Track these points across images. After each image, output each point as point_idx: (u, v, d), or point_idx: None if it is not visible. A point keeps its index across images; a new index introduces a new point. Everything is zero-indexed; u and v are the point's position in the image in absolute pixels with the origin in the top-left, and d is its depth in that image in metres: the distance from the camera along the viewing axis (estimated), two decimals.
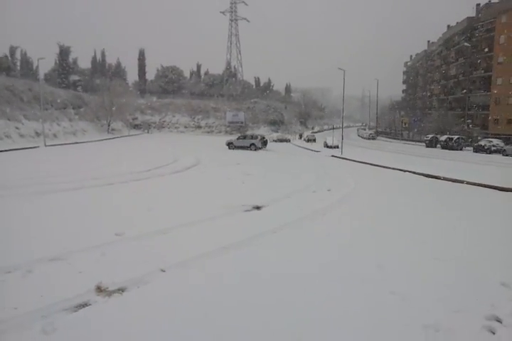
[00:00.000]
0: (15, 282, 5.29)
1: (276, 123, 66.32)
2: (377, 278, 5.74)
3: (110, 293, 4.97)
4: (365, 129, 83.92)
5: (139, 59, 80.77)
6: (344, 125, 39.41)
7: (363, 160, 24.90)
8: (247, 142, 34.47)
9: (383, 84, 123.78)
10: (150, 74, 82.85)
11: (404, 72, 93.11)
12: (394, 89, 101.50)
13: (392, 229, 8.67)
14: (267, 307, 4.72)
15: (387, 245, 7.42)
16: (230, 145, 34.88)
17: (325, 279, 5.69)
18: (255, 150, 33.80)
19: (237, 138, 35.75)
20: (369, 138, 64.53)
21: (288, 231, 8.19)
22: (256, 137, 35.47)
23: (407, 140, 58.50)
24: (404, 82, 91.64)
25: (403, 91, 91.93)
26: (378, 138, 67.34)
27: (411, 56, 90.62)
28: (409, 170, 19.35)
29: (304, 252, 6.92)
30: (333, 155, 29.96)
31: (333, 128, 48.58)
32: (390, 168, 20.96)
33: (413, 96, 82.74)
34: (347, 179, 16.75)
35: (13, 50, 67.82)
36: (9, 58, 64.45)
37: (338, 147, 35.42)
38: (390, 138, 67.75)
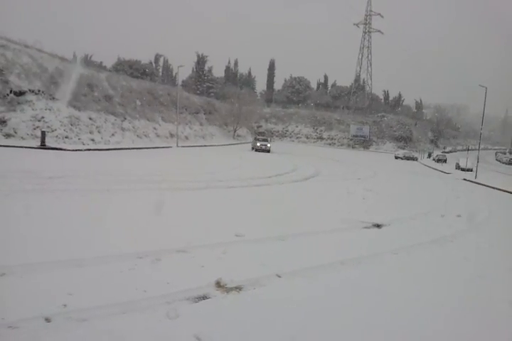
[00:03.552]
0: (145, 267, 5.74)
1: (403, 140, 63.21)
2: None
3: (228, 290, 5.12)
4: (505, 153, 75.38)
5: (269, 69, 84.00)
6: (481, 147, 35.83)
7: (500, 187, 22.31)
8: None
9: None
10: (278, 84, 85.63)
11: None
12: None
13: None
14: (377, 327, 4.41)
15: None
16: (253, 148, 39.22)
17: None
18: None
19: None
20: (509, 163, 57.81)
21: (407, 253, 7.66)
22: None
23: None
24: None
25: None
26: None
27: None
28: None
29: (429, 275, 6.36)
30: (465, 179, 27.44)
31: (468, 150, 44.57)
32: None
33: None
34: (481, 206, 15.13)
35: (157, 58, 75.86)
36: (153, 65, 72.08)
37: (472, 170, 32.37)
38: None
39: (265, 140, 40.37)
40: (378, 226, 9.93)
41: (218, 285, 5.22)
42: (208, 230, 8.02)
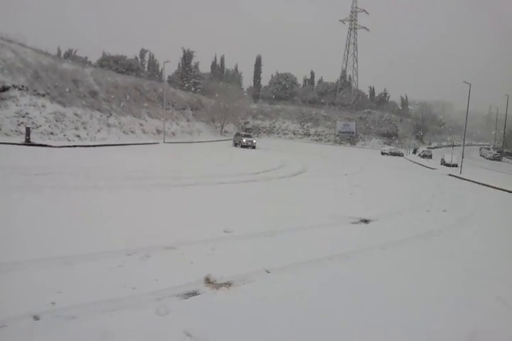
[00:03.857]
0: (134, 264, 5.71)
1: (389, 136, 63.79)
2: None
3: (218, 286, 5.13)
4: (489, 149, 76.57)
5: (256, 65, 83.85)
6: (466, 142, 36.37)
7: (485, 182, 22.70)
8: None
9: None
10: (264, 81, 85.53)
11: None
12: None
13: None
14: (368, 322, 4.47)
15: None
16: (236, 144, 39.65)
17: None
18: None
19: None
20: (493, 159, 58.78)
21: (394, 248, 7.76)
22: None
23: None
24: None
25: None
26: (504, 159, 60.98)
27: None
28: None
29: (416, 270, 6.46)
30: (450, 174, 27.83)
31: (453, 145, 45.27)
32: None
33: None
34: (466, 201, 15.38)
35: (142, 53, 75.07)
36: (139, 60, 71.34)
37: (456, 166, 32.87)
38: None
39: (249, 136, 40.46)
40: (366, 221, 10.03)
41: (208, 281, 5.22)
42: (196, 226, 8.01)
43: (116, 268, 5.46)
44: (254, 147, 37.65)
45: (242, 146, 37.76)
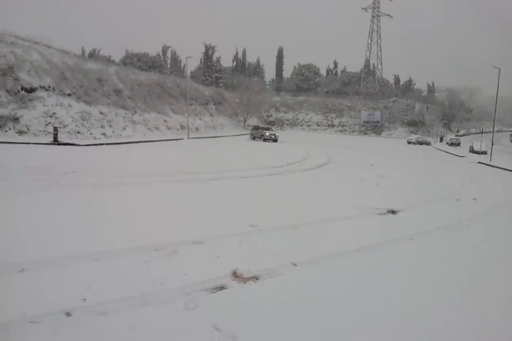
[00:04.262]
0: (161, 259, 5.78)
1: (415, 124, 62.39)
2: None
3: (245, 280, 5.14)
4: None
5: (277, 57, 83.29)
6: (495, 129, 35.25)
7: None
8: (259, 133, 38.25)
9: None
10: (287, 72, 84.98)
11: None
12: None
13: None
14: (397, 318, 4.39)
15: None
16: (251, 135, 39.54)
17: None
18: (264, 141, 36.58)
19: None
20: None
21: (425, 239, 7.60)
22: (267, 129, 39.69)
23: None
24: None
25: None
26: None
27: None
28: None
29: (447, 261, 6.32)
30: (480, 162, 27.07)
31: (482, 132, 43.86)
32: None
33: None
34: (496, 189, 14.93)
35: (164, 50, 75.71)
36: (161, 57, 71.92)
37: (486, 153, 31.92)
38: None
39: (269, 129, 39.85)
40: (393, 212, 9.86)
41: (235, 275, 5.24)
42: (222, 221, 8.04)
43: (144, 263, 5.53)
44: (276, 140, 36.92)
45: (265, 140, 37.01)
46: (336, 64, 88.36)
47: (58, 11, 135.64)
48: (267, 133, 37.31)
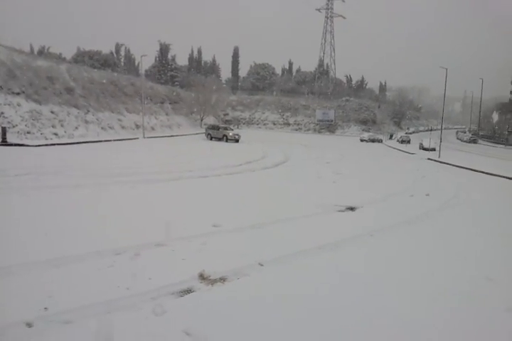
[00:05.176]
0: (124, 264, 5.63)
1: (367, 123, 64.29)
2: None
3: (213, 282, 5.11)
4: (465, 132, 78.11)
5: (233, 56, 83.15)
6: (443, 127, 37.02)
7: (462, 165, 23.16)
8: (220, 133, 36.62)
9: (488, 85, 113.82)
10: (243, 72, 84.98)
11: None
12: (500, 89, 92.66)
13: None
14: (361, 310, 4.53)
15: None
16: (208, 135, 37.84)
17: None
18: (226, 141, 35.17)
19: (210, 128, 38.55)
20: (469, 142, 59.92)
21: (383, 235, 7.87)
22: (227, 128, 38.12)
23: None
24: None
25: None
26: (480, 142, 62.26)
27: None
28: None
29: (407, 255, 6.57)
30: (429, 158, 28.30)
31: (431, 130, 45.97)
32: (495, 174, 19.26)
33: None
34: (447, 184, 15.67)
35: (118, 48, 73.63)
36: (114, 55, 69.94)
37: (435, 150, 33.40)
38: (493, 142, 62.18)
39: (228, 128, 38.49)
40: (352, 209, 10.13)
41: (202, 277, 5.20)
42: (184, 222, 7.96)
43: (106, 268, 5.38)
44: (237, 140, 35.79)
45: (228, 140, 35.39)
46: (291, 63, 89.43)
47: (4, 7, 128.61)
48: (231, 134, 36.14)
